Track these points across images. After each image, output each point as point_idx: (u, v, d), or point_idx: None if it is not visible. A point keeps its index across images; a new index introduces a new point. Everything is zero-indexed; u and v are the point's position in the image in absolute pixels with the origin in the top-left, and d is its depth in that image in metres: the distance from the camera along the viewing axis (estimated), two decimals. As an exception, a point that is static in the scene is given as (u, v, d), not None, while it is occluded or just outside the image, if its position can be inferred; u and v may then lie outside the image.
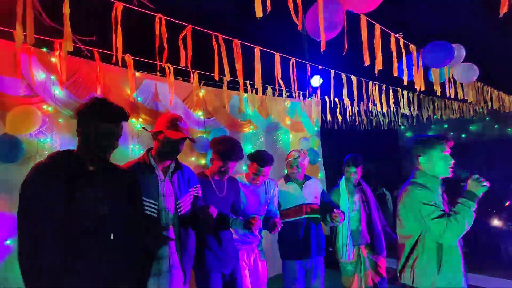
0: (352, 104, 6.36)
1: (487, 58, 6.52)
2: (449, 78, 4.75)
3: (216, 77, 3.34)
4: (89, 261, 1.70)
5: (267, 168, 3.01)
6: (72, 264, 1.66)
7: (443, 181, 2.33)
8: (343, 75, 4.68)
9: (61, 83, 3.14)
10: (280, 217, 3.17)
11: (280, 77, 3.70)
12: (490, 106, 6.98)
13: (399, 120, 8.95)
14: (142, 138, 3.95)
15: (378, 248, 3.67)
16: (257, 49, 3.46)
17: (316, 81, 5.83)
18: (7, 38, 3.07)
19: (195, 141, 2.67)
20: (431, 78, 4.53)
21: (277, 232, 2.87)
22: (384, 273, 3.72)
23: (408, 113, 7.07)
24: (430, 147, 2.28)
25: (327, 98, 6.05)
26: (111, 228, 1.78)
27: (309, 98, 6.00)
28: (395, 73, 3.57)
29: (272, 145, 5.61)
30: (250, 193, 3.10)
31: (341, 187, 3.62)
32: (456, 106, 7.94)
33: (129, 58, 3.37)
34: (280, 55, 3.73)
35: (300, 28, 2.53)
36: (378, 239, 3.69)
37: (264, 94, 4.89)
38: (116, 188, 1.86)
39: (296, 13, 2.47)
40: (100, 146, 1.78)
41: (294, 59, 3.99)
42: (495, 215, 6.29)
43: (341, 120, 7.12)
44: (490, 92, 6.72)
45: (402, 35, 3.57)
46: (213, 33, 3.21)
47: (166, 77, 3.64)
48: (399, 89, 5.67)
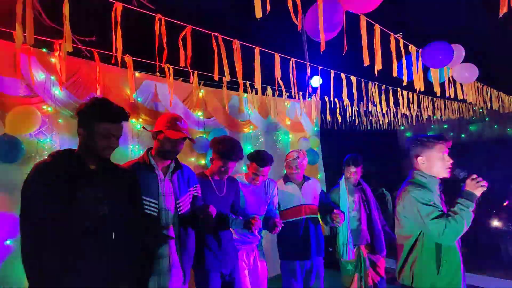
0: (351, 105, 6.37)
1: (486, 58, 6.53)
2: (448, 78, 4.75)
3: (216, 77, 3.34)
4: (90, 261, 1.71)
5: (266, 168, 3.02)
6: (73, 263, 1.68)
7: (442, 181, 2.33)
8: (342, 76, 4.68)
9: (61, 83, 3.14)
10: (279, 217, 3.17)
11: (280, 77, 3.70)
12: (489, 106, 6.98)
13: (399, 120, 8.95)
14: (142, 138, 3.95)
15: (378, 247, 3.67)
16: (257, 50, 3.46)
17: (316, 81, 5.84)
18: (7, 39, 3.07)
19: (195, 141, 2.67)
20: (430, 79, 4.53)
21: (278, 232, 2.88)
22: (383, 273, 3.72)
23: (408, 113, 7.07)
24: (429, 147, 2.27)
25: (326, 99, 6.05)
26: (112, 227, 1.79)
27: (309, 99, 6.00)
28: (395, 74, 3.57)
29: (272, 146, 5.61)
30: (250, 193, 3.10)
31: (341, 186, 3.62)
32: (455, 106, 7.94)
33: (128, 58, 3.37)
34: (279, 55, 3.73)
35: (300, 29, 2.53)
36: (378, 239, 3.69)
37: (263, 95, 4.89)
38: (117, 187, 1.87)
39: (296, 13, 2.47)
40: (100, 146, 1.79)
41: (293, 59, 3.99)
42: (495, 215, 6.29)
43: (340, 120, 7.13)
44: (489, 92, 6.72)
45: (401, 36, 3.58)
46: (212, 34, 3.21)
47: (166, 77, 3.64)
48: (398, 89, 5.67)
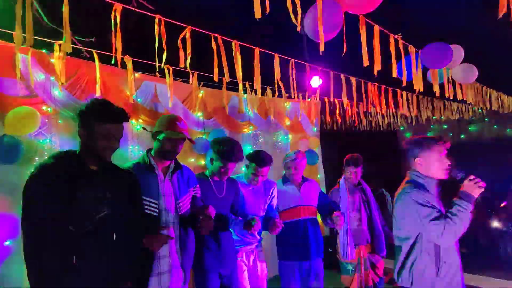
0: (351, 105, 6.37)
1: (486, 59, 6.53)
2: (448, 79, 4.75)
3: (216, 78, 3.34)
4: (90, 260, 1.72)
5: (266, 169, 3.02)
6: (74, 263, 1.68)
7: (439, 182, 2.33)
8: (342, 76, 4.68)
9: (61, 84, 3.14)
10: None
11: (279, 78, 3.70)
12: (489, 106, 6.98)
13: (398, 121, 8.95)
14: (141, 139, 3.95)
15: (379, 248, 3.67)
16: (256, 50, 3.47)
17: (315, 82, 5.84)
18: (6, 39, 3.07)
19: (194, 142, 2.67)
20: (430, 79, 4.53)
21: (278, 232, 2.88)
22: (381, 274, 3.72)
23: (407, 114, 7.07)
24: (427, 148, 2.27)
25: (326, 99, 6.06)
26: (112, 227, 1.80)
27: (309, 99, 6.00)
28: (394, 74, 3.57)
29: (272, 146, 5.61)
30: (250, 193, 3.10)
31: (341, 187, 3.63)
32: (455, 107, 7.94)
33: (128, 59, 3.37)
34: (279, 56, 3.73)
35: (299, 29, 2.53)
36: (378, 239, 3.69)
37: (263, 95, 4.89)
38: (117, 188, 1.88)
39: (295, 14, 2.48)
40: (101, 146, 1.80)
41: (293, 60, 3.99)
42: (494, 215, 6.29)
43: (340, 121, 7.13)
44: (489, 93, 6.72)
45: (401, 36, 3.58)
46: (212, 34, 3.21)
47: (166, 78, 3.64)
48: (398, 90, 5.67)
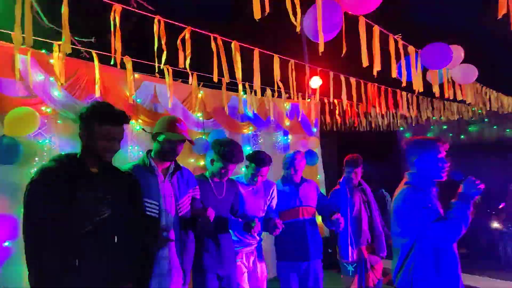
0: (351, 106, 6.37)
1: (485, 59, 6.53)
2: (447, 79, 4.75)
3: (215, 78, 3.34)
4: (91, 261, 1.73)
5: (265, 169, 3.01)
6: (74, 264, 1.69)
7: (437, 183, 2.32)
8: (342, 77, 4.68)
9: (60, 84, 3.14)
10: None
11: (279, 78, 3.70)
12: (489, 107, 6.98)
13: (398, 121, 8.95)
14: (141, 139, 3.95)
15: (379, 248, 3.67)
16: (256, 51, 3.46)
17: (315, 82, 5.84)
18: (5, 40, 3.07)
19: (194, 143, 2.67)
20: (430, 79, 4.53)
21: (278, 233, 2.87)
22: (379, 276, 3.73)
23: (407, 114, 7.07)
24: (425, 150, 2.26)
25: (326, 100, 6.06)
26: (113, 229, 1.81)
27: (308, 99, 6.00)
28: (394, 75, 3.57)
29: (271, 146, 5.61)
30: (249, 194, 3.10)
31: (342, 187, 3.63)
32: (455, 107, 7.94)
33: (128, 59, 3.37)
34: (279, 56, 3.73)
35: (299, 30, 2.53)
36: (379, 240, 3.68)
37: (263, 96, 4.89)
38: (118, 190, 1.89)
39: (295, 14, 2.48)
40: (102, 148, 1.80)
41: (293, 60, 3.99)
42: (494, 216, 6.29)
43: (340, 121, 7.13)
44: (488, 93, 6.72)
45: (400, 37, 3.58)
46: (212, 35, 3.21)
47: (165, 78, 3.64)
48: (398, 90, 5.67)
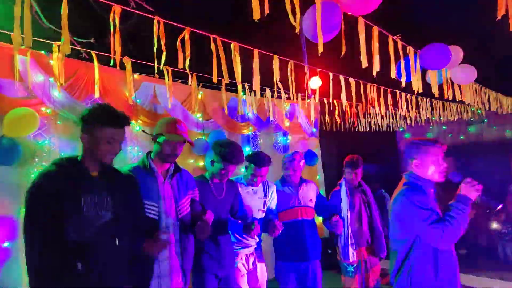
0: (350, 106, 6.38)
1: (484, 59, 6.54)
2: (447, 80, 4.75)
3: (215, 79, 3.34)
4: (91, 265, 1.72)
5: (265, 169, 3.02)
6: (75, 268, 1.68)
7: (436, 184, 2.32)
8: (341, 77, 4.69)
9: (59, 85, 3.14)
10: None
11: (278, 79, 3.70)
12: (488, 107, 6.99)
13: (398, 121, 8.96)
14: (140, 140, 3.95)
15: (379, 248, 3.67)
16: (256, 51, 3.46)
17: (315, 82, 5.84)
18: (5, 41, 3.07)
19: (194, 144, 2.67)
20: (429, 80, 4.53)
21: (278, 235, 2.87)
22: (377, 276, 3.74)
23: (407, 115, 7.08)
24: (424, 151, 2.26)
25: (325, 100, 6.06)
26: (114, 232, 1.81)
27: (308, 100, 6.00)
28: (393, 75, 3.57)
29: (271, 147, 5.62)
30: (249, 194, 3.10)
31: (342, 188, 3.63)
32: (454, 107, 7.95)
33: (127, 60, 3.37)
34: (278, 57, 3.73)
35: (298, 30, 2.53)
36: (379, 240, 3.69)
37: (262, 96, 4.90)
38: (119, 192, 1.89)
39: (294, 15, 2.48)
40: (104, 151, 1.81)
41: (292, 61, 3.99)
42: (493, 217, 6.30)
43: (339, 122, 7.14)
44: (488, 94, 6.73)
45: (400, 37, 3.58)
46: (211, 36, 3.21)
47: (165, 79, 3.64)
48: (397, 91, 5.68)
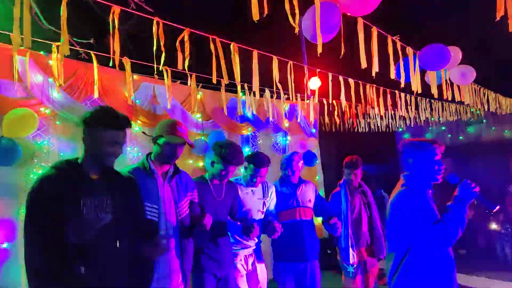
0: (350, 106, 6.38)
1: (483, 60, 6.55)
2: (446, 80, 4.76)
3: (214, 80, 3.34)
4: (92, 267, 1.72)
5: (264, 170, 3.02)
6: (75, 270, 1.68)
7: (433, 185, 2.31)
8: (340, 78, 4.69)
9: (59, 85, 3.14)
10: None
11: (278, 80, 3.71)
12: (487, 108, 7.00)
13: (397, 122, 8.97)
14: (139, 141, 3.95)
15: (379, 249, 3.67)
16: (255, 52, 3.47)
17: (314, 83, 5.85)
18: (4, 41, 3.07)
19: (194, 146, 2.67)
20: (428, 81, 4.54)
21: (277, 236, 2.87)
22: (375, 277, 3.75)
23: (406, 115, 7.08)
24: (421, 152, 2.25)
25: (325, 101, 6.06)
26: (114, 234, 1.81)
27: (307, 101, 6.01)
28: (393, 76, 3.58)
29: (270, 147, 5.63)
30: (248, 195, 3.10)
31: (342, 189, 3.63)
32: (453, 108, 7.96)
33: (126, 61, 3.37)
34: (277, 58, 3.73)
35: (297, 31, 2.53)
36: (378, 241, 3.69)
37: (261, 97, 4.90)
38: (119, 195, 1.89)
39: (293, 15, 2.48)
40: (105, 153, 1.80)
41: (291, 61, 4.00)
42: (492, 217, 6.30)
43: (339, 122, 7.14)
44: (487, 94, 6.74)
45: (399, 38, 3.59)
46: (210, 36, 3.22)
47: (164, 80, 3.64)
48: (396, 91, 5.68)
